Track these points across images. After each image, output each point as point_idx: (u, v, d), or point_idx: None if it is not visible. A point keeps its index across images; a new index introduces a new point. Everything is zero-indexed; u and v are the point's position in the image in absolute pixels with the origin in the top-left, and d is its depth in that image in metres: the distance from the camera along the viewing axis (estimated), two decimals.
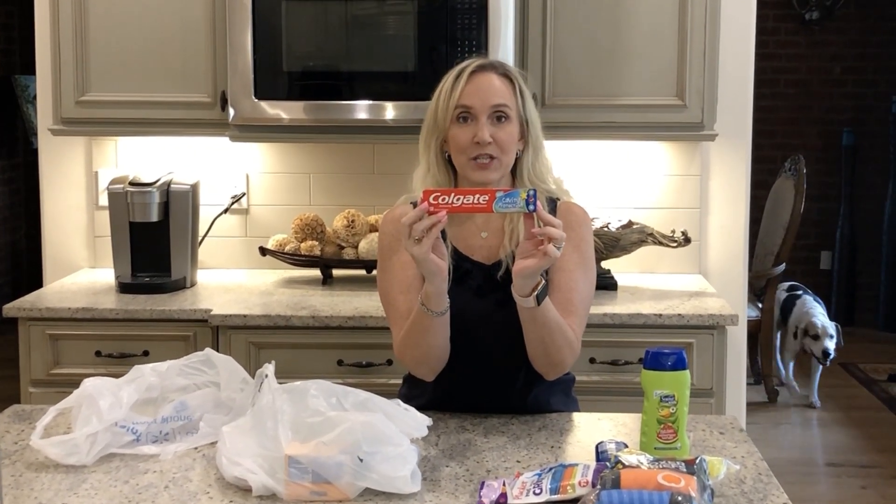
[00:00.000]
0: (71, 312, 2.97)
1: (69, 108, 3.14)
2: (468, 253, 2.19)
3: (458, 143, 2.13)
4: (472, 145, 2.11)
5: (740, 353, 3.44)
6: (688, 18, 3.06)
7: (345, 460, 1.64)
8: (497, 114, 2.13)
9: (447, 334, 2.07)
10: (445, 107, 2.14)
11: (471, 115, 2.12)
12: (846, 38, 6.98)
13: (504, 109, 2.13)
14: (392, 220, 2.21)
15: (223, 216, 3.46)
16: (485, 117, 2.11)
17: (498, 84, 2.14)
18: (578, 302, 2.13)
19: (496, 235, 2.20)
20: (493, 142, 2.10)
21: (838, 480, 4.42)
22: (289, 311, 2.93)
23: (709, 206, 3.46)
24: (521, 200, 1.80)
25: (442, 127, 2.15)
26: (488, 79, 2.14)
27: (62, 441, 1.83)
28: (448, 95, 2.14)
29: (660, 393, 1.81)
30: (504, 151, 2.13)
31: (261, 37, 3.01)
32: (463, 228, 2.21)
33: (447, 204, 1.82)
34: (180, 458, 1.86)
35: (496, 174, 2.14)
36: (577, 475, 1.63)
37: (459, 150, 2.13)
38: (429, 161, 2.19)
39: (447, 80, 2.16)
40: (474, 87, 2.13)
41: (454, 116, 2.13)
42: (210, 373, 2.00)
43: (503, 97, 2.13)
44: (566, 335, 2.06)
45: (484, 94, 2.12)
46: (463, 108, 2.12)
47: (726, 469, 1.67)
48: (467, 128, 2.12)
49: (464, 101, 2.12)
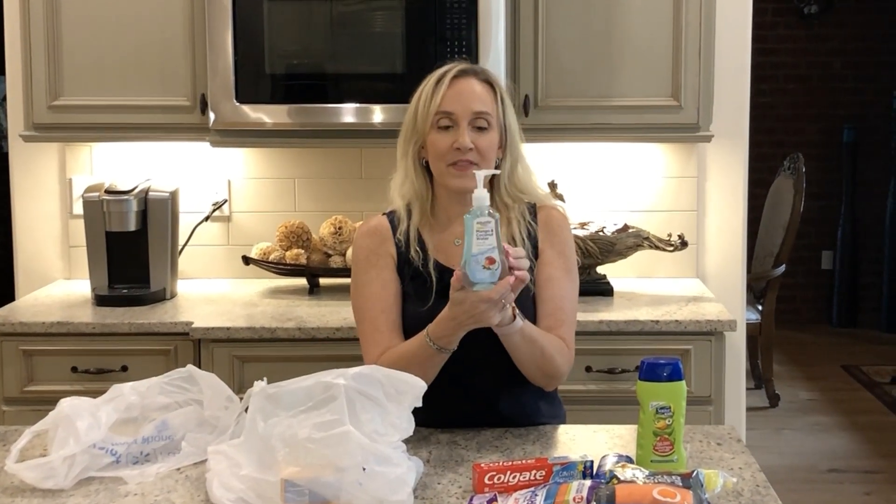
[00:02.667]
0: (45, 327, 2.91)
1: (41, 112, 3.09)
2: (448, 263, 2.17)
3: (438, 150, 2.12)
4: (452, 151, 2.11)
5: (739, 358, 3.44)
6: (682, 16, 3.04)
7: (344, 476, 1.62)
8: (478, 121, 2.12)
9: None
10: (426, 112, 2.13)
11: (452, 121, 2.12)
12: (846, 31, 6.97)
13: (485, 117, 2.13)
14: (368, 232, 2.22)
15: (204, 224, 3.43)
16: (466, 123, 2.11)
17: (479, 90, 2.14)
18: (569, 310, 2.17)
19: None
20: (473, 148, 2.10)
21: (841, 487, 4.38)
22: (274, 322, 2.89)
23: (706, 209, 3.45)
24: (579, 473, 1.76)
25: (421, 132, 2.14)
26: (470, 84, 2.14)
27: (38, 464, 1.80)
28: (428, 100, 2.13)
29: (656, 404, 1.80)
30: (484, 159, 2.12)
31: (242, 37, 2.97)
32: (443, 238, 2.20)
33: (503, 483, 1.75)
34: (162, 479, 1.83)
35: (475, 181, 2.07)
36: (571, 491, 1.60)
37: (439, 156, 2.13)
38: (406, 168, 2.19)
39: (427, 85, 2.15)
40: (455, 93, 2.12)
41: (434, 122, 2.12)
42: (192, 390, 1.98)
43: (485, 104, 2.13)
44: (554, 342, 2.08)
45: (466, 101, 2.12)
46: (444, 114, 2.12)
47: (723, 482, 1.66)
48: (447, 134, 2.12)
49: (445, 107, 2.12)
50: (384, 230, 2.20)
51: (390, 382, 1.73)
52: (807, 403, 5.41)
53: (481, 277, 1.87)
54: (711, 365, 2.88)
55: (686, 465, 1.82)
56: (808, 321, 7.04)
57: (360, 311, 2.17)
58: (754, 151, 3.62)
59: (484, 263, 1.86)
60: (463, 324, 1.94)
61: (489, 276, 1.87)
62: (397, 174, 2.20)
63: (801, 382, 5.76)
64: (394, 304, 2.13)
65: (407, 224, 2.17)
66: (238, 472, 1.68)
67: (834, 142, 7.01)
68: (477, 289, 1.88)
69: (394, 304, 2.13)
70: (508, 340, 2.02)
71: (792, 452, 4.75)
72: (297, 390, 1.71)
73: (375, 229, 2.21)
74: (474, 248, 1.86)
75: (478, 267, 1.86)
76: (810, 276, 7.05)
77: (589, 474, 1.75)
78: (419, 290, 2.13)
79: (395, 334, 2.13)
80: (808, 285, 7.05)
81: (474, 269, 1.86)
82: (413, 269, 2.15)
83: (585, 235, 3.11)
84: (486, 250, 1.86)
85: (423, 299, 2.12)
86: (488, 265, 1.86)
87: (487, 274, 1.86)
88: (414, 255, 2.15)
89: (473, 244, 1.86)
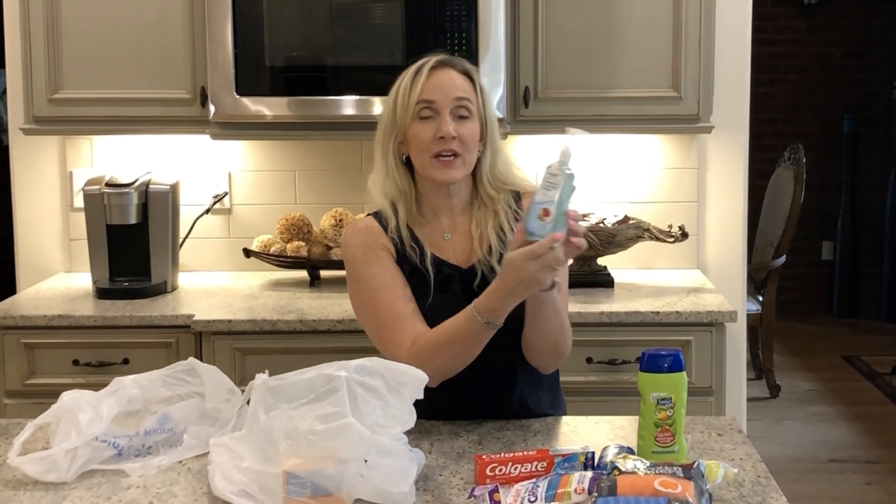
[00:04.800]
0: (47, 320, 2.91)
1: (41, 106, 3.09)
2: (443, 257, 2.15)
3: (420, 141, 2.08)
4: (435, 141, 2.07)
5: (740, 349, 3.44)
6: (682, 7, 3.03)
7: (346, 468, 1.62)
8: (459, 109, 2.09)
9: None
10: (405, 104, 2.09)
11: (433, 109, 2.08)
12: (847, 21, 6.94)
13: (466, 104, 2.10)
14: (358, 232, 2.17)
15: (205, 217, 3.42)
16: (447, 112, 2.08)
17: (459, 80, 2.12)
18: (564, 291, 2.11)
19: (462, 237, 2.16)
20: (456, 136, 2.07)
21: (842, 477, 4.38)
22: (275, 315, 2.89)
23: (706, 200, 3.45)
24: (580, 464, 1.75)
25: (402, 125, 2.10)
26: (449, 74, 2.11)
27: (41, 457, 1.80)
28: (408, 92, 2.09)
29: (656, 396, 1.80)
30: (467, 149, 2.09)
31: (241, 29, 2.97)
32: (432, 232, 2.17)
33: (504, 475, 1.74)
34: (164, 472, 1.83)
35: (460, 172, 2.10)
36: (573, 483, 1.60)
37: (421, 148, 2.09)
38: (387, 166, 2.14)
39: (405, 77, 2.12)
40: (435, 83, 2.09)
41: (415, 113, 2.09)
42: (194, 383, 1.98)
43: (465, 91, 2.11)
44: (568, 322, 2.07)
45: (447, 89, 2.09)
46: (425, 103, 2.08)
47: (724, 472, 1.66)
48: (429, 124, 2.08)
49: (425, 96, 2.08)
50: (375, 228, 2.15)
51: (391, 375, 1.73)
52: (807, 394, 5.41)
53: (533, 227, 1.81)
54: (712, 356, 2.88)
55: (687, 456, 1.82)
56: (808, 312, 7.04)
57: (373, 305, 2.10)
58: (755, 142, 3.62)
59: (539, 213, 1.80)
60: (513, 290, 1.88)
61: (541, 229, 1.81)
62: (376, 173, 2.16)
63: (801, 373, 5.75)
64: (406, 291, 2.08)
65: (396, 222, 2.13)
66: (240, 464, 1.68)
67: (834, 132, 6.99)
68: (530, 238, 1.82)
69: (406, 291, 2.08)
70: (540, 311, 1.98)
71: (792, 443, 4.75)
72: (298, 382, 1.71)
73: (366, 229, 2.15)
74: (537, 196, 1.81)
75: (534, 216, 1.81)
76: (811, 267, 7.04)
77: (590, 466, 1.75)
78: (419, 287, 2.11)
79: (417, 319, 2.07)
80: (808, 276, 7.04)
81: (531, 217, 1.81)
82: (411, 265, 2.12)
83: (586, 227, 3.10)
84: (545, 201, 1.80)
85: (423, 295, 2.10)
86: (543, 216, 1.80)
87: (539, 225, 1.80)
88: (410, 251, 2.12)
89: (538, 192, 1.81)
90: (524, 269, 1.83)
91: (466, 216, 2.16)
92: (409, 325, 2.05)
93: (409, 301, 2.08)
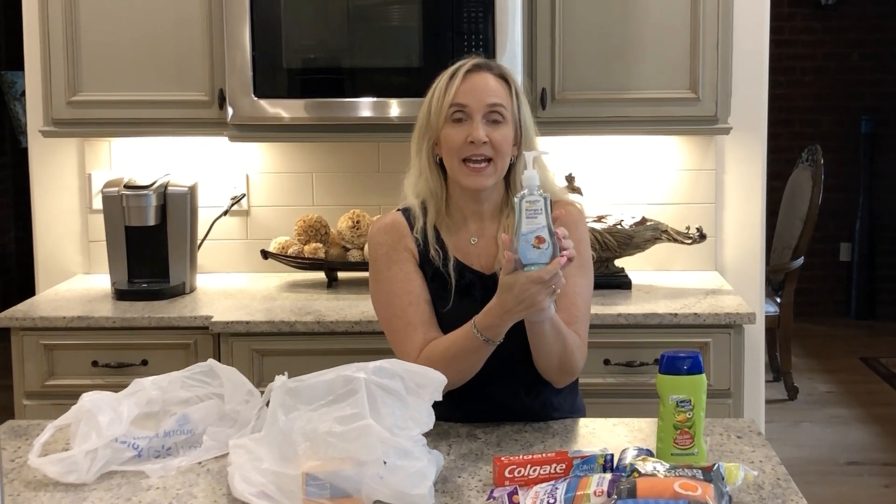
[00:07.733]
0: (66, 321, 2.92)
1: (60, 108, 3.10)
2: (467, 262, 2.15)
3: (451, 144, 2.09)
4: (466, 145, 2.07)
5: (758, 351, 3.42)
6: (700, 8, 3.03)
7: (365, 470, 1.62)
8: (492, 114, 2.09)
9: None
10: (439, 106, 2.10)
11: (465, 114, 2.09)
12: (864, 22, 6.91)
13: (500, 110, 2.10)
14: (385, 229, 2.18)
15: (223, 218, 3.42)
16: (480, 117, 2.08)
17: (494, 84, 2.11)
18: (582, 305, 2.12)
19: (489, 242, 2.16)
20: (488, 142, 2.07)
21: (860, 479, 4.37)
22: (293, 316, 2.89)
23: (724, 201, 3.44)
24: (599, 466, 1.76)
25: (435, 127, 2.11)
26: (484, 78, 2.11)
27: (61, 458, 1.81)
28: (442, 94, 2.10)
29: (676, 398, 1.80)
30: (499, 154, 2.09)
31: (259, 32, 2.97)
32: (459, 236, 2.17)
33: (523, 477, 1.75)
34: (184, 473, 1.84)
35: (490, 180, 2.10)
36: (592, 485, 1.61)
37: (452, 150, 2.09)
38: (420, 165, 2.16)
39: (441, 80, 2.13)
40: (470, 86, 2.10)
41: (448, 115, 2.09)
42: (213, 384, 1.99)
43: (499, 97, 2.10)
44: (573, 337, 2.06)
45: (480, 93, 2.09)
46: (458, 107, 2.09)
47: (744, 475, 1.67)
48: (461, 127, 2.09)
49: (459, 100, 2.09)
50: (401, 226, 2.16)
51: (410, 376, 1.73)
52: (825, 396, 5.38)
53: (531, 258, 1.83)
54: (730, 358, 2.87)
55: (706, 458, 1.82)
56: (826, 313, 7.00)
57: (388, 309, 2.13)
58: (772, 143, 3.61)
59: (534, 243, 1.82)
60: (512, 311, 1.90)
61: (539, 257, 1.83)
62: (411, 171, 2.18)
63: (819, 375, 5.73)
64: (422, 297, 2.09)
65: (423, 222, 2.14)
66: (259, 465, 1.68)
67: (852, 133, 6.95)
68: (527, 269, 1.84)
69: (422, 297, 2.09)
70: (538, 330, 1.98)
71: (810, 445, 4.73)
72: (317, 384, 1.71)
73: (392, 226, 2.17)
74: (524, 228, 1.83)
75: (528, 247, 1.83)
76: (829, 269, 7.01)
77: (609, 468, 1.74)
78: (439, 291, 2.12)
79: (429, 327, 2.09)
80: (826, 277, 7.01)
81: (524, 250, 1.83)
82: (433, 269, 2.13)
83: (603, 228, 3.10)
84: (535, 229, 1.83)
85: (442, 300, 2.11)
86: (538, 244, 1.83)
87: (537, 254, 1.83)
88: (434, 254, 2.12)
89: (523, 224, 1.83)
90: (526, 290, 1.86)
91: (496, 222, 2.16)
92: (418, 334, 2.07)
93: (425, 307, 2.09)
